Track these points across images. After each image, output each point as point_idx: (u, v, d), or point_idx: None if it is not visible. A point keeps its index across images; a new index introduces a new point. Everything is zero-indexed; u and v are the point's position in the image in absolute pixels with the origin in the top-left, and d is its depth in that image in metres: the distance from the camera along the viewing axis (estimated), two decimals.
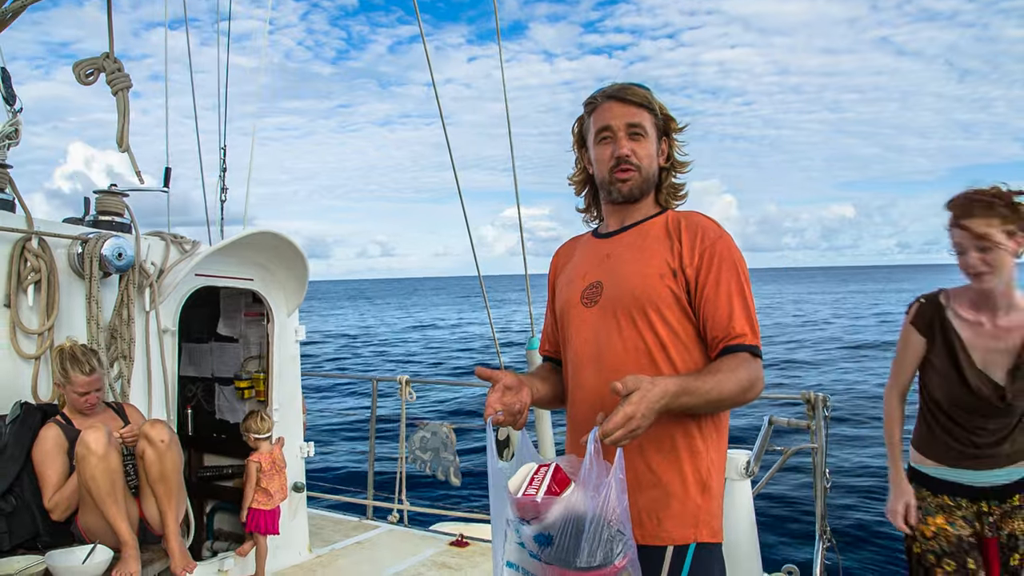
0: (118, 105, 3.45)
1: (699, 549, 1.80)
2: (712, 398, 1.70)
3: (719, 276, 1.82)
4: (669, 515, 1.80)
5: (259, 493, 4.66)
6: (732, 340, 1.79)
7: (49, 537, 3.22)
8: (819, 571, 4.32)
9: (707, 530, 1.82)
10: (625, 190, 1.95)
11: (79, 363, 3.26)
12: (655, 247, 1.89)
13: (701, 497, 1.82)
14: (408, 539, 5.67)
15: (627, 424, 1.52)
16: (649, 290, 1.84)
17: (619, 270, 1.92)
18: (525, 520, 1.59)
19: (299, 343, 5.18)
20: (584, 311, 1.96)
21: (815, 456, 4.57)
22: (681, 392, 1.63)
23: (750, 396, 1.77)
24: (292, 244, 4.64)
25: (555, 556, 1.54)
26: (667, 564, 1.78)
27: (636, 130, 1.92)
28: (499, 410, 1.77)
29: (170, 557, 3.23)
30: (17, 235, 3.54)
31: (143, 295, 4.03)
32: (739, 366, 1.75)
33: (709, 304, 1.81)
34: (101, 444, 3.03)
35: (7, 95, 3.86)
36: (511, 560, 1.66)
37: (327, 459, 12.65)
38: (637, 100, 1.93)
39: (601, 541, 1.52)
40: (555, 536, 1.54)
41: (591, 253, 2.05)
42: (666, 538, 1.79)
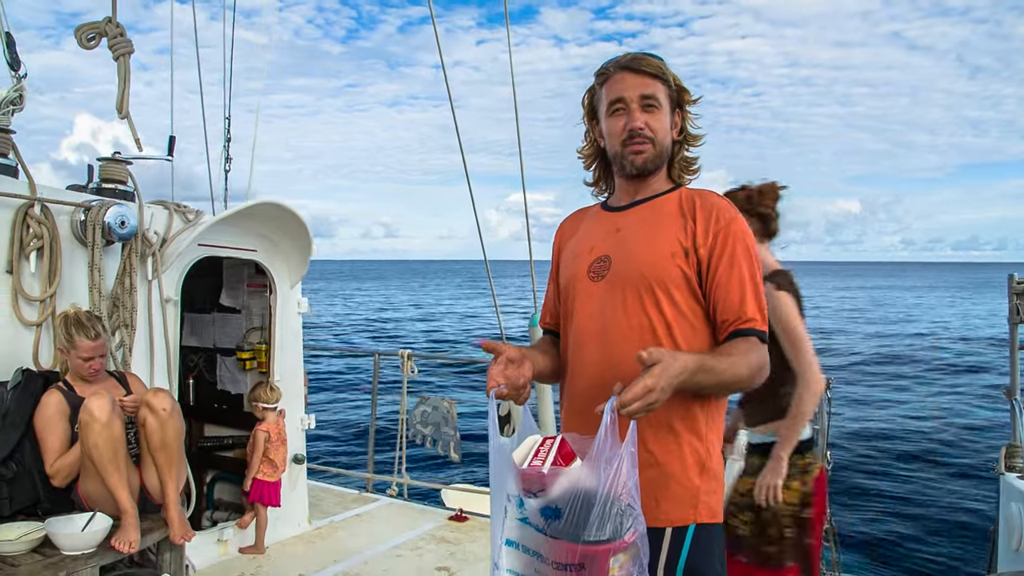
0: (119, 71, 3.40)
1: (698, 530, 1.78)
2: (725, 379, 1.69)
3: (732, 259, 1.79)
4: (667, 496, 1.78)
5: (264, 464, 4.67)
6: (742, 324, 1.77)
7: (49, 504, 3.22)
8: None
9: (706, 511, 1.80)
10: (639, 163, 1.89)
11: (84, 328, 3.25)
12: (668, 224, 1.86)
13: (700, 478, 1.80)
14: (407, 513, 5.69)
15: (646, 396, 1.49)
16: (659, 268, 1.81)
17: (629, 245, 1.88)
18: (531, 493, 1.56)
19: (301, 315, 5.17)
20: (590, 285, 1.92)
21: (817, 437, 4.57)
22: (699, 369, 1.61)
23: (758, 381, 1.76)
24: (296, 216, 4.61)
25: (563, 530, 1.52)
26: (666, 545, 1.77)
27: (650, 102, 1.87)
28: (502, 383, 1.73)
29: (169, 526, 3.23)
30: (20, 201, 3.51)
31: (146, 264, 4.01)
32: (750, 350, 1.74)
33: (721, 287, 1.79)
34: (105, 411, 3.02)
35: (11, 60, 3.81)
36: (511, 538, 1.63)
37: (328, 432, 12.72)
38: (651, 71, 1.88)
39: (611, 515, 1.50)
40: (563, 509, 1.51)
41: (600, 226, 2.00)
42: (664, 520, 1.77)
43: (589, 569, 1.51)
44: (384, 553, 4.72)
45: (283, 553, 4.67)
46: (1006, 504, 4.23)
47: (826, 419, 4.53)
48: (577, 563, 1.52)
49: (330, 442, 12.29)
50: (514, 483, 1.60)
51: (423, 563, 4.57)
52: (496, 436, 1.66)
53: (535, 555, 1.59)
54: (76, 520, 3.04)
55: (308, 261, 4.98)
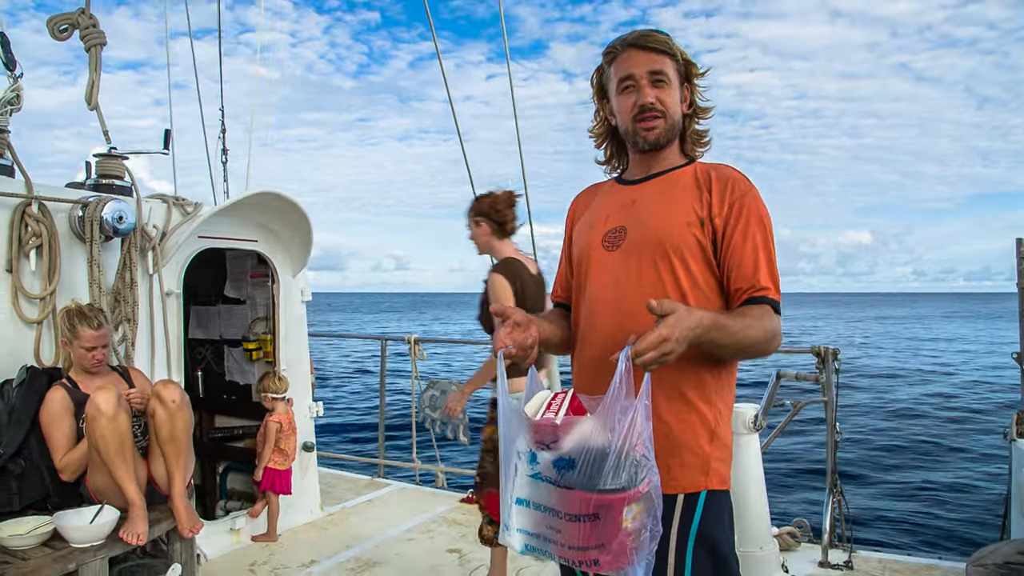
0: (90, 61, 3.40)
1: (710, 496, 1.80)
2: (740, 340, 1.69)
3: (747, 228, 1.80)
4: (679, 463, 1.79)
5: (275, 453, 4.71)
6: (756, 292, 1.78)
7: (58, 498, 3.25)
8: (828, 525, 4.33)
9: (717, 478, 1.82)
10: (651, 138, 1.91)
11: (87, 318, 3.27)
12: (683, 195, 1.87)
13: (710, 445, 1.81)
14: (419, 496, 5.72)
15: (660, 346, 1.49)
16: (674, 236, 1.82)
17: (644, 216, 1.90)
18: (543, 445, 1.56)
19: (304, 303, 5.18)
20: (605, 255, 1.93)
21: (826, 409, 4.55)
22: (713, 326, 1.61)
23: (771, 348, 1.77)
24: (295, 204, 4.60)
25: (577, 480, 1.52)
26: (678, 512, 1.78)
27: (659, 77, 1.88)
28: (509, 344, 1.76)
29: (177, 518, 3.26)
30: (18, 200, 3.52)
31: (146, 258, 4.03)
32: (764, 316, 1.74)
33: (735, 254, 1.80)
34: (111, 405, 3.04)
35: (7, 60, 3.81)
36: (521, 496, 1.63)
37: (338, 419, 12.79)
38: (658, 47, 1.88)
39: (625, 465, 1.50)
40: (577, 459, 1.52)
41: (615, 198, 2.02)
42: (676, 486, 1.78)
43: (603, 519, 1.51)
44: (396, 537, 4.75)
45: (295, 540, 4.71)
46: (1018, 470, 4.20)
47: (834, 392, 4.52)
48: (591, 513, 1.52)
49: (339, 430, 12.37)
50: (526, 437, 1.60)
51: (435, 546, 4.59)
52: (505, 396, 1.67)
53: (547, 510, 1.59)
54: (84, 513, 3.06)
55: (310, 249, 4.98)
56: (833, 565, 4.14)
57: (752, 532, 3.74)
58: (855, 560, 4.18)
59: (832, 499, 4.39)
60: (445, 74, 4.39)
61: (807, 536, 4.56)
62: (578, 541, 1.55)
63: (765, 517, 3.87)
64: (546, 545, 1.61)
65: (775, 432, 4.67)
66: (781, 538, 4.32)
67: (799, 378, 4.23)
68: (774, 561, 3.82)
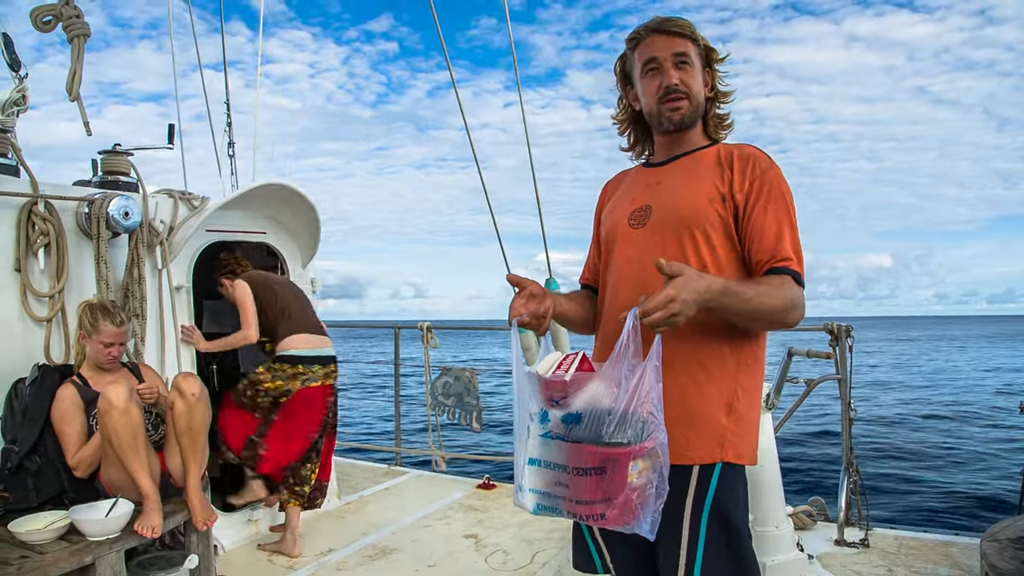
0: (72, 53, 3.40)
1: (725, 468, 1.82)
2: (754, 307, 1.69)
3: (768, 202, 1.83)
4: (695, 434, 1.81)
5: None
6: (777, 262, 1.79)
7: (74, 493, 3.29)
8: (844, 503, 4.30)
9: (732, 451, 1.83)
10: (676, 118, 1.95)
11: (110, 314, 3.30)
12: (706, 174, 1.91)
13: (727, 418, 1.82)
14: (436, 484, 5.75)
15: (668, 307, 1.51)
16: (697, 212, 1.86)
17: (668, 194, 1.94)
18: (554, 401, 1.61)
19: (316, 293, 5.20)
20: (630, 232, 1.98)
21: (840, 387, 4.52)
22: (725, 291, 1.63)
23: (792, 318, 1.76)
24: (301, 195, 4.62)
25: (583, 434, 1.56)
26: (694, 482, 1.81)
27: (683, 59, 1.93)
28: (523, 313, 1.81)
29: (191, 510, 3.29)
30: (23, 199, 3.54)
31: (154, 253, 4.05)
32: (783, 285, 1.74)
33: (756, 226, 1.82)
34: (123, 399, 3.06)
35: (11, 61, 3.83)
36: (533, 456, 1.68)
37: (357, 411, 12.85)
38: (681, 31, 1.93)
39: (631, 421, 1.53)
40: (584, 413, 1.56)
41: (641, 180, 2.07)
42: (693, 456, 1.80)
43: (609, 473, 1.55)
44: (412, 524, 4.77)
45: (313, 529, 4.74)
46: None
47: (848, 369, 4.48)
48: (597, 466, 1.55)
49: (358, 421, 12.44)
50: (538, 396, 1.65)
51: (451, 532, 4.61)
52: (520, 363, 1.72)
53: (557, 467, 1.63)
54: (99, 507, 3.09)
55: (318, 239, 5.00)
56: (849, 543, 4.12)
57: (767, 511, 3.72)
58: (871, 538, 4.15)
59: (848, 477, 4.37)
60: (461, 102, 4.41)
61: (823, 515, 4.54)
62: (585, 495, 1.59)
63: (780, 496, 3.85)
64: (556, 503, 1.65)
65: (789, 411, 4.65)
66: (796, 517, 4.30)
67: (811, 355, 4.20)
68: (789, 540, 3.80)
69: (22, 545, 2.90)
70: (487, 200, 4.64)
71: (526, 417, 1.70)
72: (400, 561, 4.18)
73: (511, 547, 4.29)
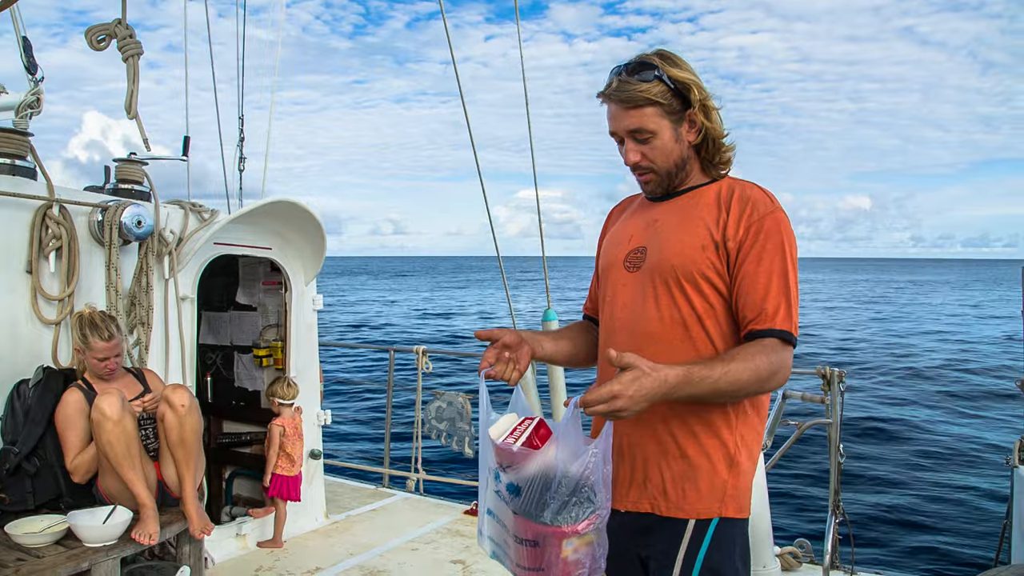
0: (128, 72, 3.46)
1: (721, 524, 1.76)
2: (722, 388, 1.61)
3: (762, 253, 1.72)
4: (694, 488, 1.76)
5: (282, 459, 4.74)
6: (760, 324, 1.69)
7: (71, 498, 3.29)
8: (831, 545, 4.34)
9: (733, 506, 1.77)
10: (648, 191, 1.92)
11: (98, 329, 3.30)
12: (701, 216, 1.81)
13: (728, 472, 1.77)
14: (423, 507, 5.74)
15: (611, 402, 1.46)
16: (687, 260, 1.77)
17: (662, 237, 1.85)
18: (503, 467, 1.62)
19: (316, 312, 5.23)
20: (625, 275, 1.91)
21: (830, 431, 4.57)
22: (684, 382, 1.55)
23: (770, 386, 1.68)
24: (310, 213, 4.66)
25: (521, 507, 1.58)
26: (687, 538, 1.75)
27: (640, 136, 1.80)
28: (493, 363, 1.80)
29: (188, 521, 3.29)
30: (39, 202, 3.58)
31: (162, 263, 4.08)
32: (758, 353, 1.64)
33: (746, 281, 1.72)
34: (115, 409, 3.07)
35: (28, 64, 3.88)
36: (490, 508, 1.71)
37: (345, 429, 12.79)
38: (633, 103, 1.77)
39: (568, 503, 1.53)
40: (523, 488, 1.57)
41: (641, 216, 1.98)
42: (689, 511, 1.76)
43: (543, 547, 1.58)
44: (400, 547, 4.77)
45: (301, 547, 4.74)
46: (1020, 496, 4.21)
47: (839, 414, 4.54)
48: (531, 539, 1.59)
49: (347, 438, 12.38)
50: (491, 457, 1.67)
51: (438, 556, 4.61)
52: (488, 412, 1.71)
53: (504, 527, 1.67)
54: (98, 513, 3.10)
55: (322, 258, 5.04)
56: None
57: (755, 550, 3.75)
58: None
59: (835, 519, 4.41)
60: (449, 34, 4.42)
61: (809, 556, 4.57)
62: (524, 562, 1.62)
63: (768, 536, 3.89)
64: (504, 556, 1.70)
65: (779, 452, 4.69)
66: (783, 557, 4.34)
67: (805, 399, 4.26)
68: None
69: (18, 547, 2.90)
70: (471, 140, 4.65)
71: (486, 468, 1.70)
72: None
73: (499, 574, 4.29)
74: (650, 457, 1.80)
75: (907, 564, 7.19)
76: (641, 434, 1.81)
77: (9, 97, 3.85)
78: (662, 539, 1.78)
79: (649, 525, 1.80)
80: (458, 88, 4.50)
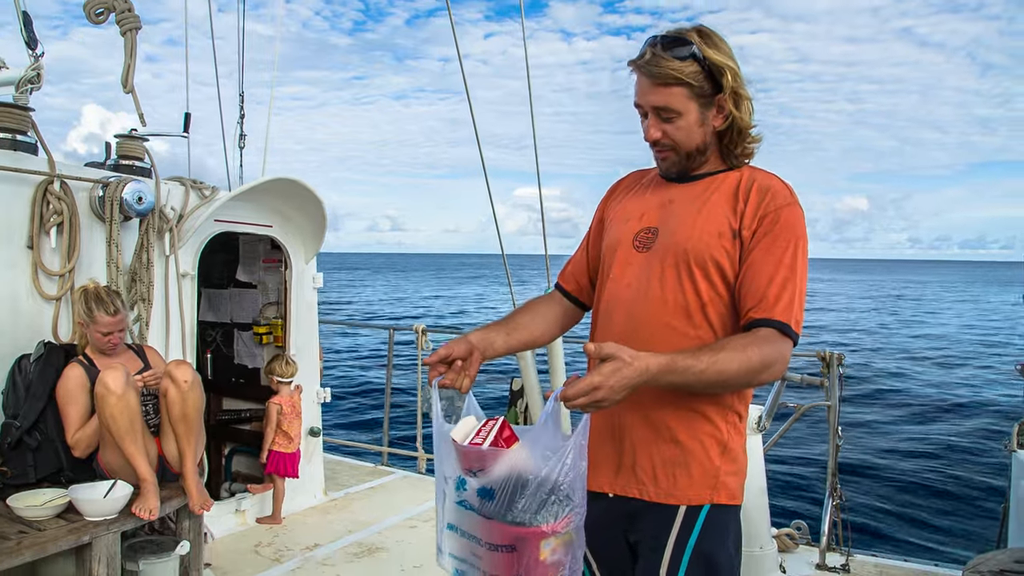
0: (126, 45, 3.45)
1: (713, 511, 1.74)
2: (708, 379, 1.55)
3: (773, 243, 1.68)
4: (686, 474, 1.74)
5: (279, 436, 4.76)
6: (761, 312, 1.64)
7: (72, 472, 3.31)
8: (827, 527, 4.37)
9: (725, 493, 1.75)
10: (664, 168, 1.86)
11: (104, 303, 3.31)
12: (720, 203, 1.76)
13: (720, 458, 1.75)
14: (422, 485, 5.78)
15: (591, 394, 1.42)
16: (702, 246, 1.72)
17: (677, 220, 1.80)
18: (471, 471, 1.55)
19: (316, 290, 5.24)
20: (633, 253, 1.84)
21: (828, 414, 4.59)
22: (666, 371, 1.50)
23: (762, 378, 1.63)
24: (311, 192, 4.65)
25: (495, 511, 1.51)
26: (677, 524, 1.73)
27: (665, 115, 1.74)
28: (442, 373, 1.74)
29: (188, 496, 3.31)
30: (40, 178, 3.57)
31: (163, 239, 4.08)
32: (751, 344, 1.59)
33: (752, 268, 1.68)
34: (119, 383, 3.09)
35: (28, 39, 3.86)
36: (451, 522, 1.63)
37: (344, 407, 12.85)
38: (663, 79, 1.70)
39: (546, 502, 1.48)
40: (496, 490, 1.50)
41: (655, 195, 1.91)
42: (680, 497, 1.73)
43: (520, 551, 1.51)
44: (398, 524, 4.80)
45: (299, 523, 4.77)
46: (1018, 480, 4.23)
47: (838, 397, 4.56)
48: (508, 544, 1.52)
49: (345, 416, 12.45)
50: (454, 462, 1.59)
51: (436, 533, 4.64)
52: (439, 421, 1.66)
53: (471, 538, 1.58)
54: (98, 487, 3.12)
55: (323, 236, 5.03)
56: (830, 568, 4.19)
57: (752, 532, 3.79)
58: (852, 564, 4.22)
59: (832, 502, 4.43)
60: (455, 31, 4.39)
61: (805, 538, 4.61)
62: (498, 570, 1.55)
63: (765, 518, 3.92)
64: (471, 571, 1.60)
65: (778, 434, 4.72)
66: (780, 539, 4.37)
67: (803, 381, 4.27)
68: (772, 562, 3.87)
69: (20, 520, 2.92)
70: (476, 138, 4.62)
71: (443, 480, 1.63)
72: (385, 560, 4.21)
73: None
74: (640, 441, 1.77)
75: (904, 547, 7.25)
76: (632, 418, 1.77)
77: (10, 72, 3.84)
78: (651, 524, 1.76)
79: (637, 510, 1.78)
80: (464, 85, 4.46)
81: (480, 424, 1.61)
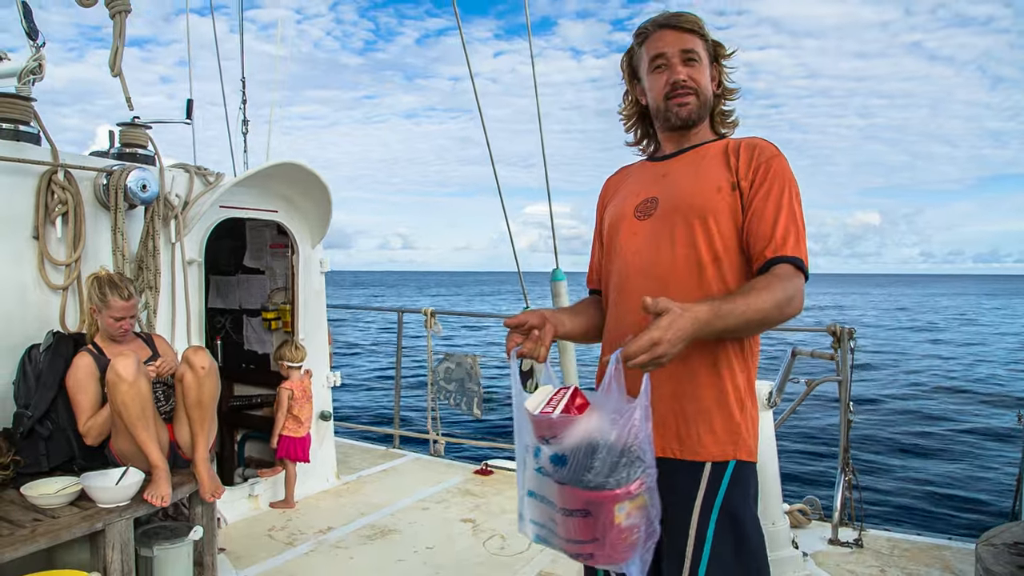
0: (114, 28, 3.43)
1: (738, 467, 1.79)
2: (749, 318, 1.63)
3: (770, 189, 1.79)
4: (709, 430, 1.78)
5: (290, 420, 4.78)
6: (773, 251, 1.74)
7: (84, 460, 3.33)
8: (839, 503, 4.36)
9: (745, 449, 1.80)
10: (684, 114, 1.93)
11: (118, 288, 3.32)
12: (713, 164, 1.89)
13: (741, 415, 1.80)
14: (433, 467, 5.80)
15: (652, 350, 1.44)
16: (704, 200, 1.83)
17: (676, 185, 1.91)
18: (544, 439, 1.57)
19: (324, 274, 5.23)
20: (636, 223, 1.94)
21: (840, 389, 4.57)
22: (713, 318, 1.56)
23: (789, 312, 1.70)
24: (316, 176, 4.64)
25: (568, 476, 1.53)
26: (705, 480, 1.77)
27: (690, 56, 1.91)
28: (519, 343, 1.79)
29: (199, 482, 3.33)
30: (43, 168, 3.57)
31: (168, 227, 4.08)
32: (773, 281, 1.69)
33: (756, 215, 1.79)
34: (131, 371, 3.10)
35: (29, 29, 3.84)
36: (531, 489, 1.65)
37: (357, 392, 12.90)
38: (689, 27, 1.91)
39: (617, 465, 1.49)
40: (568, 456, 1.52)
41: (647, 173, 2.03)
42: (705, 454, 1.77)
43: (595, 515, 1.52)
44: (410, 506, 4.82)
45: (312, 507, 4.79)
46: None
47: (849, 371, 4.53)
48: (582, 509, 1.53)
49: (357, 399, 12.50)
50: (529, 431, 1.62)
51: (449, 515, 4.66)
52: (519, 391, 1.68)
53: (548, 503, 1.60)
54: (110, 475, 3.13)
55: (329, 220, 5.02)
56: (843, 543, 4.18)
57: (764, 508, 3.78)
58: (865, 539, 4.21)
59: (844, 478, 4.42)
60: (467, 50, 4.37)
61: (818, 514, 4.60)
62: (574, 535, 1.57)
63: (777, 493, 3.91)
64: (550, 536, 1.64)
65: (789, 409, 4.70)
66: (792, 515, 4.36)
67: (814, 356, 4.24)
68: (785, 537, 3.86)
69: (34, 508, 2.94)
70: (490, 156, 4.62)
71: (523, 448, 1.67)
72: (398, 542, 4.22)
73: (509, 533, 4.33)
74: (663, 399, 1.79)
75: (920, 516, 7.24)
76: (656, 375, 1.74)
77: (11, 63, 3.83)
78: (678, 482, 1.77)
79: (662, 469, 1.75)
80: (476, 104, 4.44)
81: (552, 392, 1.65)
